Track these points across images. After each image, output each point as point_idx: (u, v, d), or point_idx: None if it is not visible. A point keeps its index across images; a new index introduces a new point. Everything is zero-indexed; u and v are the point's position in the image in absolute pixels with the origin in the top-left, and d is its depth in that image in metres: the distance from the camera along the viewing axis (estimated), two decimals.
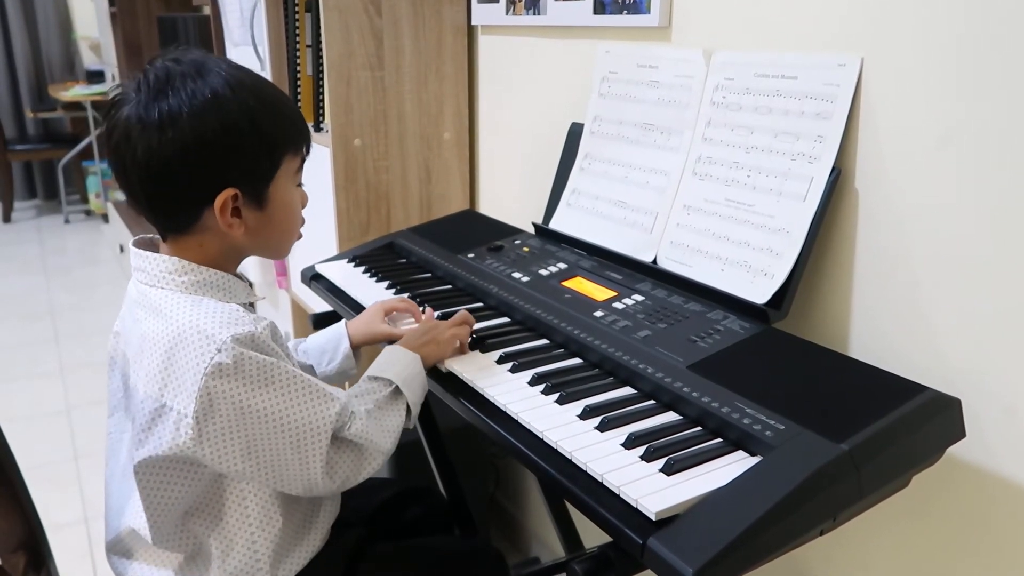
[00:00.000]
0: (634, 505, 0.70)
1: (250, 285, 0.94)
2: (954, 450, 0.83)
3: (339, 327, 1.13)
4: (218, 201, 0.84)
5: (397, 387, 0.94)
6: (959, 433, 0.81)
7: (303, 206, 0.94)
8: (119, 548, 0.94)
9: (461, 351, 1.01)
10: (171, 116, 0.81)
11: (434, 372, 1.00)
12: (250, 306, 0.93)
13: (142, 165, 0.82)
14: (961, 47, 0.84)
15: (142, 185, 0.84)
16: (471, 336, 1.03)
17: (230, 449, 0.82)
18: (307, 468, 0.85)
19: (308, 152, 0.93)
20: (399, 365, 0.96)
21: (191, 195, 0.85)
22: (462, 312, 1.06)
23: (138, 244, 0.91)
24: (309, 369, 1.13)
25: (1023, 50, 0.79)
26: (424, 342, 1.00)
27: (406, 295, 1.19)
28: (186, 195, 0.85)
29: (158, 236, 0.91)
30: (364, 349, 1.14)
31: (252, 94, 0.85)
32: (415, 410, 0.96)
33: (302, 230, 0.96)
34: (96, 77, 4.81)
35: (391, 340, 1.07)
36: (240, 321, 0.83)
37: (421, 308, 1.14)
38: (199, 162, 0.82)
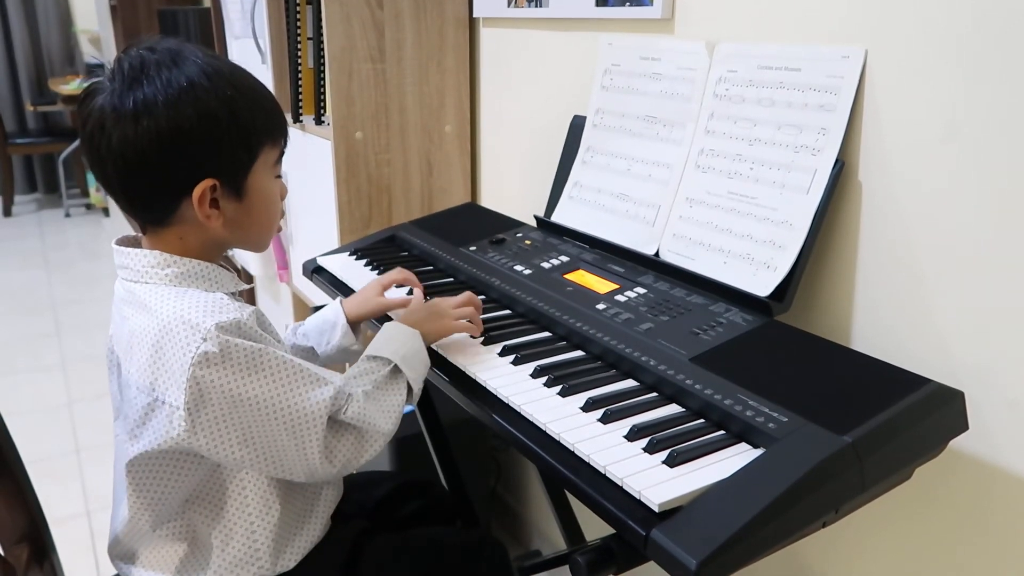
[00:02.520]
0: (637, 497, 0.70)
1: (238, 273, 0.94)
2: (956, 442, 0.83)
3: (334, 305, 1.13)
4: (196, 192, 0.83)
5: (396, 366, 0.93)
6: (962, 426, 0.81)
7: (282, 198, 0.93)
8: (118, 551, 0.94)
9: (471, 331, 1.00)
10: (146, 105, 0.80)
11: (436, 364, 0.99)
12: (241, 295, 0.93)
13: (117, 155, 0.81)
14: (966, 39, 0.84)
15: (118, 176, 0.83)
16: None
17: (225, 438, 0.82)
18: (305, 453, 0.84)
19: (286, 143, 0.92)
20: (397, 342, 0.95)
21: (168, 186, 0.84)
22: (468, 294, 1.04)
23: (120, 243, 0.90)
24: (310, 351, 1.13)
25: None
26: (424, 317, 0.99)
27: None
28: (163, 186, 0.84)
29: (140, 235, 0.90)
30: (366, 326, 1.13)
31: (229, 83, 0.84)
32: (416, 387, 0.95)
33: (281, 222, 0.95)
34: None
35: (389, 311, 1.07)
36: (224, 309, 0.82)
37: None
38: (175, 152, 0.81)
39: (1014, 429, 0.86)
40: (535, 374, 0.91)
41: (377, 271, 1.28)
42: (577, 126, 1.32)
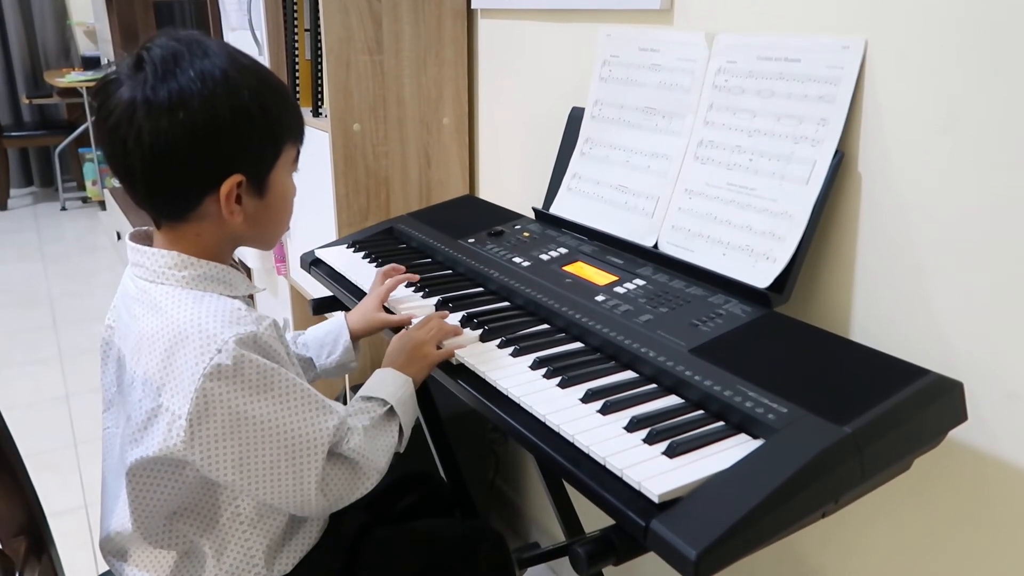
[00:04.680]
0: (637, 488, 0.69)
1: (247, 273, 0.93)
2: (955, 433, 0.83)
3: (338, 319, 1.13)
4: (224, 187, 0.82)
5: (392, 407, 0.93)
6: (961, 416, 0.81)
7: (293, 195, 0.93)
8: (110, 548, 0.93)
9: (449, 355, 0.97)
10: (181, 97, 0.77)
11: None
12: (249, 297, 0.92)
13: (147, 148, 0.79)
14: (966, 29, 0.84)
15: (144, 170, 0.81)
16: (466, 322, 1.02)
17: (222, 457, 0.80)
18: (301, 482, 0.83)
19: (303, 142, 0.91)
20: (392, 386, 0.95)
21: (195, 181, 0.82)
22: (438, 323, 1.01)
23: (134, 238, 0.88)
24: (308, 362, 1.12)
25: None
26: (407, 360, 0.98)
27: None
28: (190, 180, 0.82)
29: (152, 228, 0.89)
30: (363, 341, 1.14)
31: (256, 77, 0.83)
32: (407, 432, 0.95)
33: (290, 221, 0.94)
34: (92, 63, 4.78)
35: (394, 328, 1.07)
36: (242, 320, 0.81)
37: (420, 291, 1.13)
38: (208, 146, 0.80)
39: (1013, 420, 0.86)
40: (534, 366, 0.91)
41: (375, 264, 1.28)
42: (575, 118, 1.32)
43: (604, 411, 0.81)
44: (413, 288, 1.16)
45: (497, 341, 0.98)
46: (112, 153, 0.82)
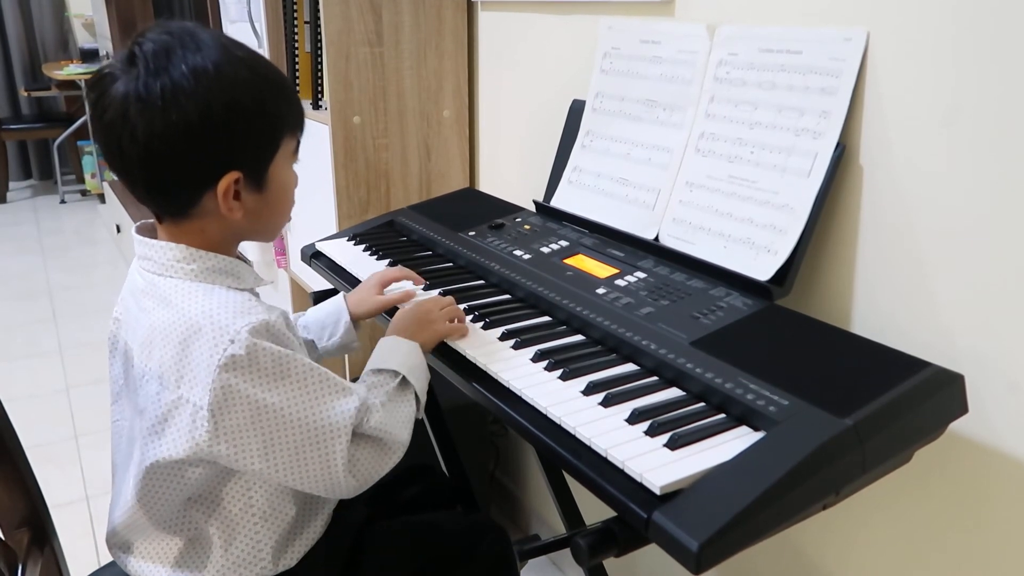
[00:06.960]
0: (638, 480, 0.70)
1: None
2: (956, 425, 0.83)
3: (338, 300, 1.12)
4: (221, 186, 0.81)
5: (404, 377, 0.93)
6: (961, 408, 0.81)
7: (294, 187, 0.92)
8: (116, 540, 0.93)
9: (460, 333, 0.98)
10: (174, 94, 0.76)
11: (437, 349, 0.99)
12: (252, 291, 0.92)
13: (142, 146, 0.78)
14: (968, 21, 0.83)
15: (141, 167, 0.80)
16: (467, 314, 1.02)
17: (247, 448, 0.80)
18: (329, 466, 0.83)
19: (303, 132, 0.90)
20: (401, 355, 0.94)
21: (192, 179, 0.81)
22: (450, 300, 1.02)
23: (141, 231, 0.88)
24: (310, 344, 1.12)
25: None
26: (416, 328, 0.97)
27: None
28: (187, 179, 0.81)
29: (156, 222, 0.88)
30: (364, 322, 1.14)
31: (251, 69, 0.82)
32: (422, 398, 0.95)
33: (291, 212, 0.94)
34: (90, 55, 4.76)
35: (391, 309, 1.07)
36: (253, 310, 0.81)
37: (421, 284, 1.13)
38: (203, 143, 0.79)
39: (1013, 412, 0.86)
40: (536, 358, 0.91)
41: (376, 256, 1.28)
42: (576, 110, 1.32)
43: (605, 403, 0.81)
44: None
45: (498, 333, 0.98)
46: (108, 150, 0.81)
